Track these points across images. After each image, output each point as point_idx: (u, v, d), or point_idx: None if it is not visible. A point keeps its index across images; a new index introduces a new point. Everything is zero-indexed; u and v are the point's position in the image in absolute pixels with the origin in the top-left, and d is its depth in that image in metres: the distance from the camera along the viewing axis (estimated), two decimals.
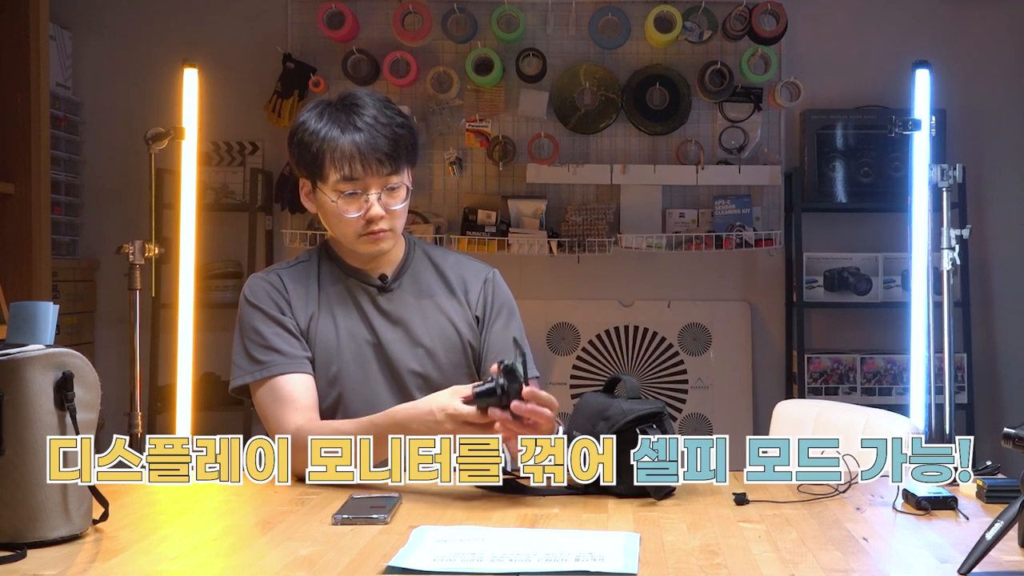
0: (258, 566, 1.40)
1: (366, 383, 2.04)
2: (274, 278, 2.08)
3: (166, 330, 3.98)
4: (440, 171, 4.20)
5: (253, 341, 2.02)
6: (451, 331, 2.09)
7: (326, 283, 2.08)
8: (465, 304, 2.12)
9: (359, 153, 1.95)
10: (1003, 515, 1.35)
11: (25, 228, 3.45)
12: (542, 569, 1.33)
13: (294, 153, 2.03)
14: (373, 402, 2.01)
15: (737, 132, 4.24)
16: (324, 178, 1.98)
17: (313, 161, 1.98)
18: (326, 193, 1.99)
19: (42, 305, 1.52)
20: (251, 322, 2.03)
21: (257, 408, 2.02)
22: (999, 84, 4.28)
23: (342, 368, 2.03)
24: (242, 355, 2.03)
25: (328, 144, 1.95)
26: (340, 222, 2.00)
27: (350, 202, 1.98)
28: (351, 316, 2.06)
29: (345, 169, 1.95)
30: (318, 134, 1.97)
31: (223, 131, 4.24)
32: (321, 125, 1.97)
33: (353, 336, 2.05)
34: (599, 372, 4.24)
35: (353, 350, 2.04)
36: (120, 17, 4.35)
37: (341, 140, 1.95)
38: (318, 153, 1.96)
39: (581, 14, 4.19)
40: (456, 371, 2.08)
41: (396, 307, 2.08)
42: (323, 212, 2.03)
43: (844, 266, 4.17)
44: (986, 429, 4.11)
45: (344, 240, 2.04)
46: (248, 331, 2.03)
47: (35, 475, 1.45)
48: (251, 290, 2.06)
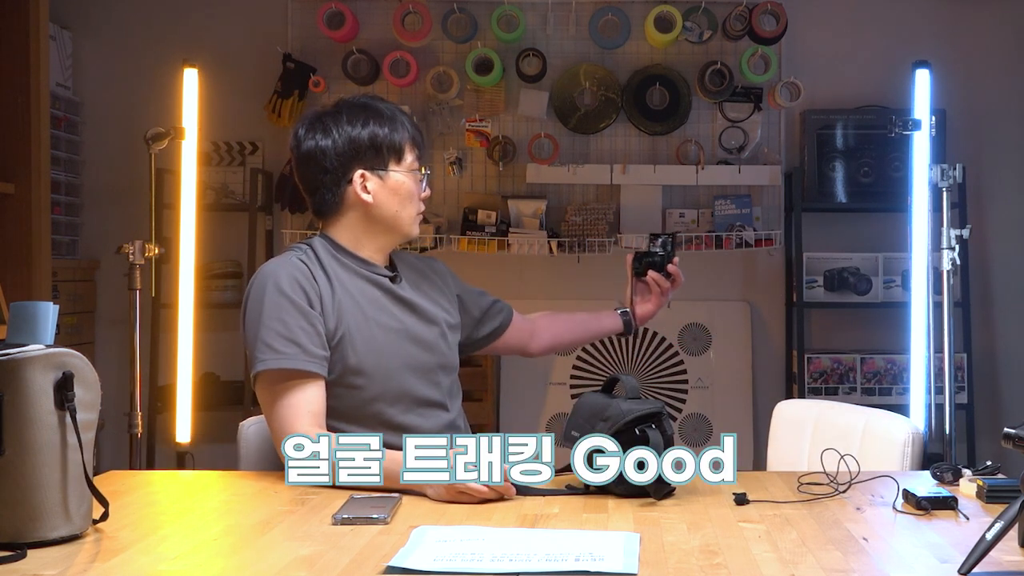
0: (258, 566, 1.40)
1: (401, 368, 2.08)
2: (301, 266, 2.03)
3: (166, 330, 3.97)
4: (440, 171, 4.19)
5: (275, 331, 1.96)
6: (446, 315, 2.21)
7: (342, 275, 2.08)
8: (444, 286, 2.25)
9: (421, 138, 2.16)
10: (1003, 515, 1.35)
11: (25, 228, 3.45)
12: (542, 569, 1.33)
13: (356, 147, 2.08)
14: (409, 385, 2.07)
15: (737, 132, 4.24)
16: (402, 160, 2.11)
17: (397, 146, 2.10)
18: (401, 175, 2.10)
19: (42, 305, 1.52)
20: (277, 311, 1.97)
21: (262, 397, 1.98)
22: (999, 84, 4.28)
23: (382, 355, 2.05)
24: (262, 344, 1.96)
25: (406, 132, 2.12)
26: (411, 202, 2.12)
27: (421, 181, 2.15)
28: (373, 306, 2.08)
29: (420, 150, 2.14)
30: (388, 127, 2.10)
31: (223, 131, 4.24)
32: (383, 121, 2.10)
33: (379, 325, 2.07)
34: (599, 372, 4.24)
35: (385, 338, 2.06)
36: (120, 17, 4.35)
37: (410, 127, 2.13)
38: (402, 138, 2.11)
39: (581, 14, 4.19)
40: (456, 352, 2.23)
41: (409, 295, 2.14)
42: (393, 195, 2.10)
43: (844, 266, 4.17)
44: (986, 429, 4.11)
45: (405, 222, 2.12)
46: (274, 319, 1.97)
47: (35, 475, 1.45)
48: (285, 277, 2.00)
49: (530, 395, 4.25)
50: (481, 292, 2.35)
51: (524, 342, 2.41)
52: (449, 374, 2.17)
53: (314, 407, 1.97)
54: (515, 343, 2.39)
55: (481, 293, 2.35)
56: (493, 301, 2.35)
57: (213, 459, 4.05)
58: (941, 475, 1.88)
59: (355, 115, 2.11)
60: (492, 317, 2.34)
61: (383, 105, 2.14)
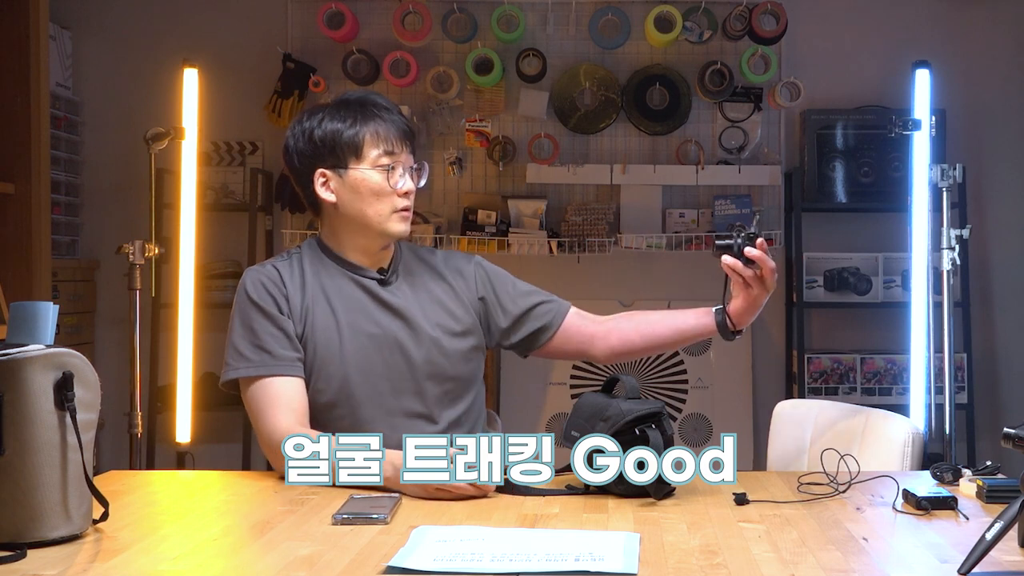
0: (258, 566, 1.40)
1: (371, 375, 2.04)
2: (271, 271, 2.08)
3: (166, 330, 3.97)
4: (440, 171, 4.19)
5: (245, 338, 2.02)
6: (450, 320, 2.12)
7: (324, 278, 2.08)
8: (464, 288, 2.16)
9: (395, 130, 2.06)
10: (1003, 515, 1.35)
11: (25, 228, 3.45)
12: (542, 569, 1.33)
13: (316, 145, 2.05)
14: (380, 394, 2.03)
15: (737, 132, 4.24)
16: (362, 157, 2.04)
17: (351, 143, 2.04)
18: (363, 172, 2.04)
19: (42, 305, 1.52)
20: (247, 318, 2.03)
21: (246, 405, 2.02)
22: (999, 84, 4.28)
23: (345, 361, 2.03)
24: (233, 350, 2.03)
25: (367, 126, 2.04)
26: (378, 199, 2.05)
27: (392, 176, 2.05)
28: (352, 310, 2.06)
29: (387, 144, 2.05)
30: (350, 121, 2.04)
31: (223, 131, 4.24)
32: (348, 115, 2.05)
33: (355, 329, 2.05)
34: (598, 372, 4.24)
35: (354, 342, 2.04)
36: (120, 17, 4.35)
37: (376, 121, 2.05)
38: (358, 134, 2.04)
39: (581, 14, 4.19)
40: (463, 359, 2.12)
41: (397, 299, 2.09)
42: (355, 194, 2.04)
43: (844, 266, 4.17)
44: (986, 429, 4.11)
45: (378, 220, 2.05)
46: (243, 327, 2.03)
47: (35, 475, 1.45)
48: (250, 284, 2.06)
49: (530, 395, 4.25)
50: (529, 292, 2.20)
51: (585, 346, 2.19)
52: (441, 383, 2.08)
53: (294, 405, 1.99)
54: (573, 347, 2.20)
55: (528, 293, 2.20)
56: (538, 303, 2.19)
57: (213, 459, 4.05)
58: (941, 475, 1.88)
59: (318, 112, 2.08)
60: (534, 319, 2.18)
61: (359, 99, 2.09)
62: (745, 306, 2.03)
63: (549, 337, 2.18)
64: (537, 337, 2.18)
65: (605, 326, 2.19)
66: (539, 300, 2.19)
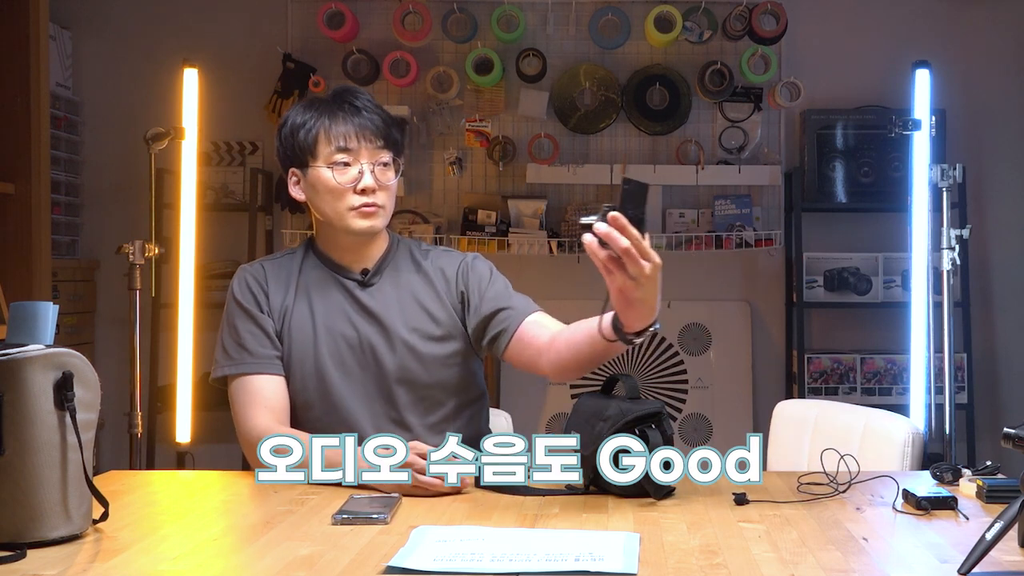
0: (258, 566, 1.40)
1: (345, 377, 2.03)
2: (257, 269, 2.10)
3: (166, 330, 3.98)
4: (440, 171, 4.20)
5: (230, 336, 2.05)
6: (430, 325, 2.06)
7: (307, 275, 2.09)
8: (445, 291, 2.09)
9: (353, 127, 2.00)
10: (1003, 515, 1.35)
11: (25, 228, 3.45)
12: (542, 569, 1.33)
13: (284, 145, 2.05)
14: (354, 396, 2.02)
15: (737, 132, 4.24)
16: (316, 155, 2.01)
17: (304, 143, 2.01)
18: (319, 170, 2.01)
19: (42, 305, 1.52)
20: (231, 317, 2.07)
21: (230, 402, 2.04)
22: (999, 84, 4.28)
23: (320, 362, 2.03)
24: (219, 348, 2.07)
25: (322, 124, 2.01)
26: (333, 197, 2.00)
27: (344, 172, 2.00)
28: (329, 309, 2.06)
29: (340, 141, 2.00)
30: (310, 119, 2.02)
31: (223, 131, 4.24)
32: (312, 112, 2.03)
33: (329, 330, 2.04)
34: (598, 372, 4.23)
35: (330, 344, 2.04)
36: (120, 17, 4.35)
37: (335, 118, 2.01)
38: (311, 132, 2.01)
39: (581, 14, 4.19)
40: (440, 365, 2.06)
41: (375, 302, 2.06)
42: (315, 192, 2.02)
43: (844, 266, 4.17)
44: (986, 429, 4.11)
45: (336, 218, 2.02)
46: (227, 325, 2.07)
47: (35, 475, 1.45)
48: (236, 283, 2.10)
49: (530, 395, 4.25)
50: (497, 296, 2.06)
51: (534, 359, 2.00)
52: (414, 390, 2.03)
53: (272, 403, 2.00)
54: (525, 359, 2.02)
55: (495, 298, 2.06)
56: (501, 308, 2.04)
57: (213, 459, 4.05)
58: (941, 475, 1.88)
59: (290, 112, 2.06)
60: (496, 324, 2.04)
61: (333, 94, 2.06)
62: (616, 299, 1.66)
63: (506, 344, 2.02)
64: (497, 343, 2.03)
65: (551, 339, 1.96)
66: (503, 305, 2.04)
